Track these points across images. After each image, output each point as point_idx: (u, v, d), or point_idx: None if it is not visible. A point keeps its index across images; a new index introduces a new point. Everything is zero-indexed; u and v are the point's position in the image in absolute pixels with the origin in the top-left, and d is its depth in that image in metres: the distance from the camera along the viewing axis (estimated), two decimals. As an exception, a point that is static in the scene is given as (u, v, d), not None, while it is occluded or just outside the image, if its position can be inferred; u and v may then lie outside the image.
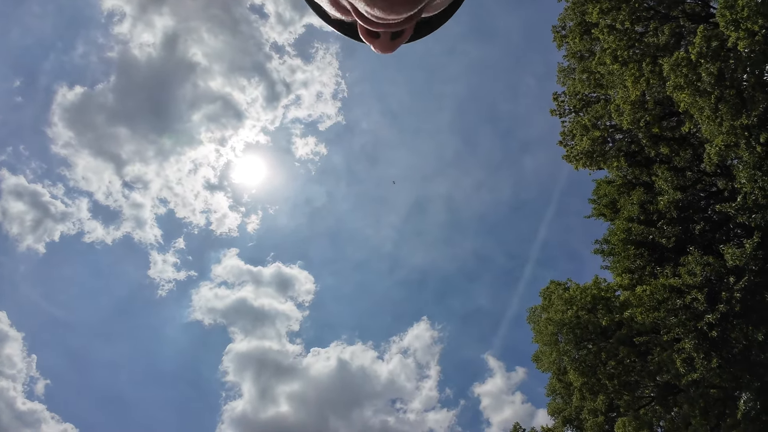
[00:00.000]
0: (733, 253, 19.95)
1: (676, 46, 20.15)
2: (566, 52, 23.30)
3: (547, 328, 25.12)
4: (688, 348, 20.59)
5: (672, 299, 21.46)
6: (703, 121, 18.89)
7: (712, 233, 22.65)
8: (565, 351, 24.42)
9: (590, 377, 23.93)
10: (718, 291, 20.27)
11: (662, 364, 22.35)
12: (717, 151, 19.61)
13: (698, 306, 20.41)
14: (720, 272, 20.50)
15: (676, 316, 21.19)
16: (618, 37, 19.73)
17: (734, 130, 18.38)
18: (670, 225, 22.48)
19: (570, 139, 24.35)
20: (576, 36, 21.45)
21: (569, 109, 24.65)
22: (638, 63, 20.02)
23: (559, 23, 22.93)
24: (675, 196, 22.01)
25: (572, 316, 23.94)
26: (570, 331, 23.98)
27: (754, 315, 20.08)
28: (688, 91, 18.19)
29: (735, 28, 15.66)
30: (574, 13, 21.21)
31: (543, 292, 26.70)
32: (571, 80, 23.86)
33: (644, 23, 20.04)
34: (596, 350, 23.73)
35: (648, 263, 23.49)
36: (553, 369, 26.21)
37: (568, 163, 24.61)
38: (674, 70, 17.94)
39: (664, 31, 19.62)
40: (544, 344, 26.04)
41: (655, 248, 23.38)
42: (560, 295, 25.00)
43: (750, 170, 19.19)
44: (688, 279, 21.11)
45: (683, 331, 20.89)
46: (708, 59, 17.34)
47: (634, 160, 24.04)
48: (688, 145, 22.71)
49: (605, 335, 23.91)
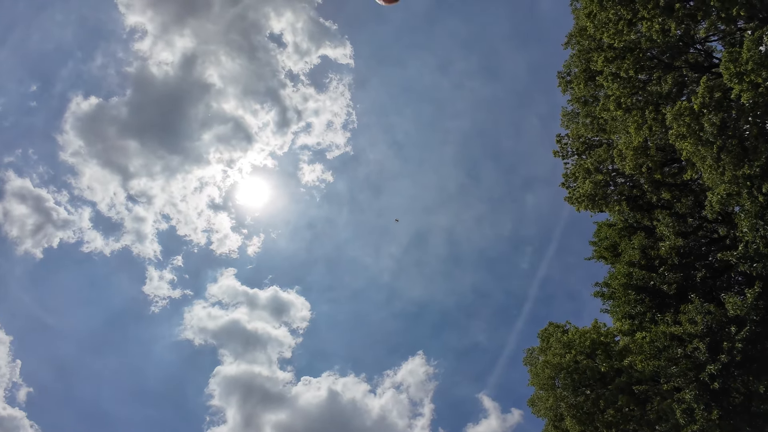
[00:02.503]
0: (735, 302, 19.80)
1: (679, 95, 20.50)
2: (570, 96, 23.71)
3: (544, 371, 24.63)
4: (688, 399, 20.17)
5: (672, 347, 21.15)
6: (705, 170, 19.03)
7: (713, 280, 22.54)
8: (563, 397, 23.87)
9: (588, 425, 23.32)
10: (720, 340, 20.01)
11: (662, 413, 21.83)
12: (719, 199, 19.67)
13: (699, 356, 20.10)
14: (721, 321, 20.29)
15: (676, 365, 20.84)
16: (622, 85, 20.09)
17: (736, 180, 18.49)
18: (671, 271, 22.38)
19: (572, 180, 24.51)
20: (581, 82, 21.86)
21: (572, 151, 24.92)
22: (641, 110, 20.32)
23: (564, 69, 23.41)
24: (676, 242, 21.99)
25: (570, 361, 23.52)
26: (568, 376, 23.51)
27: (755, 365, 19.76)
28: (691, 141, 18.38)
29: (738, 80, 15.95)
30: (580, 60, 21.67)
31: (541, 333, 26.33)
32: (575, 124, 24.20)
33: (648, 72, 20.45)
34: (594, 397, 23.20)
35: (649, 309, 23.27)
36: (549, 415, 25.56)
37: (570, 205, 24.70)
38: (677, 120, 18.17)
39: (668, 80, 19.99)
40: (540, 388, 25.48)
41: (655, 294, 23.20)
42: (558, 338, 24.64)
43: (752, 219, 19.22)
44: (689, 327, 20.86)
45: (684, 381, 20.51)
46: (711, 109, 17.59)
47: (635, 205, 24.13)
48: (689, 191, 22.84)
49: (604, 382, 23.44)
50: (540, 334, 26.36)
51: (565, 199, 24.55)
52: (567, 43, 22.47)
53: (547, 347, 25.36)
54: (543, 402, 25.68)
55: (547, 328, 26.14)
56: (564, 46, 22.62)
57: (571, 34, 21.91)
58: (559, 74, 23.71)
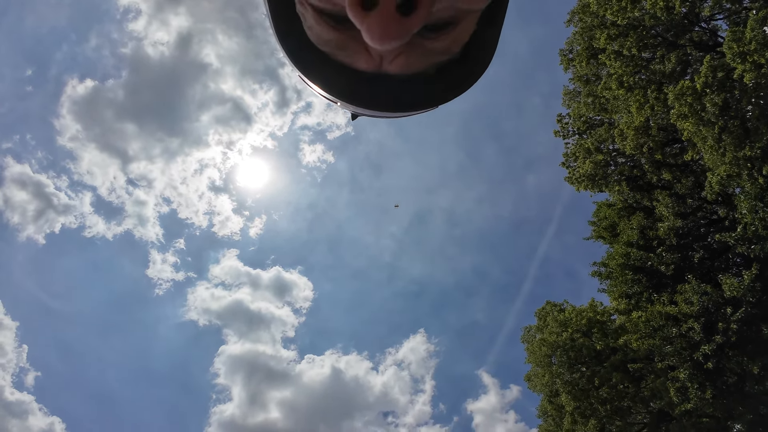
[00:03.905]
0: (731, 283, 19.87)
1: (683, 74, 20.19)
2: (572, 75, 23.36)
3: (540, 349, 24.95)
4: (682, 377, 20.44)
5: (668, 327, 21.33)
6: (706, 151, 18.88)
7: (711, 262, 22.57)
8: (558, 373, 24.24)
9: (582, 401, 23.74)
10: (715, 321, 20.16)
11: (656, 391, 22.19)
12: (718, 180, 19.58)
13: (694, 336, 20.29)
14: (717, 302, 20.40)
15: (671, 344, 21.05)
16: (624, 63, 19.76)
17: (737, 161, 18.36)
18: (669, 252, 22.40)
19: (573, 160, 24.35)
20: (583, 60, 21.50)
21: (573, 131, 24.68)
22: (643, 89, 20.05)
23: (566, 47, 23.00)
24: (675, 223, 21.96)
25: (567, 339, 23.80)
26: (564, 353, 23.83)
27: (750, 346, 19.94)
28: (692, 120, 18.19)
29: (742, 60, 15.68)
30: (582, 38, 21.27)
31: (538, 312, 26.57)
32: (576, 103, 23.89)
33: (651, 50, 20.09)
34: (590, 374, 23.55)
35: (645, 289, 23.38)
36: (545, 390, 26.00)
37: (570, 185, 24.60)
38: (679, 99, 17.94)
39: (671, 58, 19.66)
40: (537, 365, 25.85)
41: (653, 274, 23.28)
42: (555, 316, 24.87)
43: (751, 201, 19.16)
44: (684, 307, 21.00)
45: (678, 360, 20.75)
46: (713, 89, 17.36)
47: (635, 185, 24.01)
48: (690, 172, 22.69)
49: (599, 359, 23.75)
50: (537, 312, 26.60)
51: (566, 179, 24.45)
52: (569, 21, 22.03)
53: (544, 326, 25.62)
54: (539, 378, 26.10)
55: (544, 307, 26.35)
56: (566, 23, 22.20)
57: (574, 11, 21.47)
58: (561, 51, 23.32)
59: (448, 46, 0.70)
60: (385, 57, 0.68)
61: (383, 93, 0.73)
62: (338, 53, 0.70)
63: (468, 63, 0.76)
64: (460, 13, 0.65)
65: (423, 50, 0.68)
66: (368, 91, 0.73)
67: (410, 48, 0.67)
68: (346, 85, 0.73)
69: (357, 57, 0.69)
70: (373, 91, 0.73)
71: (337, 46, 0.69)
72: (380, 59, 0.68)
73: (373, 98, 0.74)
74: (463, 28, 0.68)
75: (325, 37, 0.68)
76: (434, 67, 0.73)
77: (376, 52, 0.67)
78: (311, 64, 0.73)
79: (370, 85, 0.72)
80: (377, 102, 0.75)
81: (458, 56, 0.74)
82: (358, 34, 0.62)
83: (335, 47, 0.69)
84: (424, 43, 0.67)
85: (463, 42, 0.72)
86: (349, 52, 0.69)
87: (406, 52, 0.67)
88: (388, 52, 0.66)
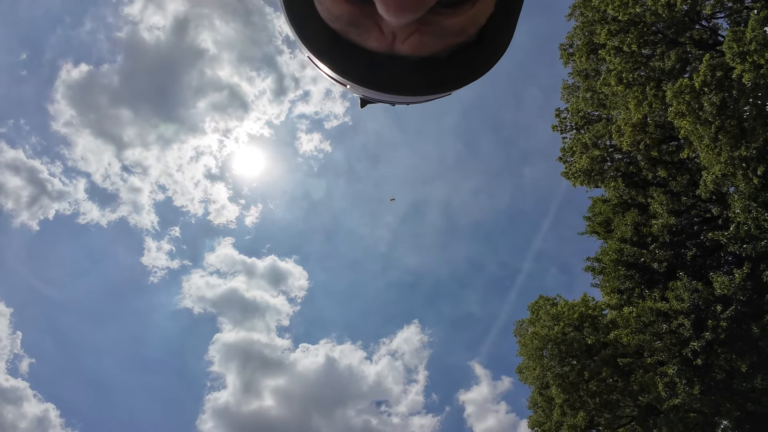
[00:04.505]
0: (722, 281, 20.06)
1: (682, 72, 20.18)
2: (572, 69, 23.31)
3: (532, 342, 25.19)
4: (671, 373, 20.71)
5: (658, 323, 21.55)
6: (702, 149, 18.95)
7: (703, 259, 22.76)
8: (549, 366, 24.51)
9: (572, 394, 24.05)
10: (705, 318, 20.38)
11: (644, 385, 22.48)
12: (713, 179, 19.70)
13: (684, 332, 20.51)
14: (708, 300, 20.61)
15: (661, 340, 21.29)
16: (624, 59, 19.73)
17: (732, 161, 18.46)
18: (662, 249, 22.57)
19: (570, 155, 24.39)
20: (583, 55, 21.45)
21: (571, 125, 24.69)
22: (642, 86, 20.05)
23: (566, 41, 22.92)
24: (669, 221, 22.09)
25: (558, 333, 24.03)
26: (555, 346, 24.07)
27: (739, 344, 20.19)
28: (690, 119, 18.23)
29: (741, 60, 15.69)
30: (583, 32, 21.20)
31: (531, 306, 26.78)
32: (575, 98, 23.88)
33: (651, 47, 20.05)
34: (580, 368, 23.82)
35: (637, 285, 23.58)
36: (536, 383, 26.30)
37: (567, 180, 24.66)
38: (677, 97, 17.96)
39: (671, 56, 19.64)
40: (528, 358, 26.11)
41: (645, 271, 23.46)
42: (548, 310, 25.08)
43: (745, 201, 19.29)
44: (675, 304, 21.21)
45: (667, 356, 21.00)
46: (712, 88, 17.38)
47: (631, 181, 24.10)
48: (685, 170, 22.79)
49: (590, 353, 24.01)
50: (530, 306, 26.81)
51: (562, 173, 24.51)
52: (571, 14, 21.92)
53: (536, 319, 25.85)
54: (530, 371, 26.39)
55: (537, 301, 26.56)
56: (567, 17, 22.09)
57: (576, 5, 21.37)
58: (561, 46, 23.25)
59: (464, 26, 0.67)
60: (398, 35, 0.66)
61: (395, 75, 0.71)
62: (349, 30, 0.68)
63: (484, 47, 0.73)
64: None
65: (438, 29, 0.66)
66: (380, 73, 0.71)
67: (424, 26, 0.65)
68: (357, 66, 0.71)
69: (368, 35, 0.67)
70: (385, 73, 0.71)
71: (348, 21, 0.66)
72: (393, 38, 0.66)
73: (384, 80, 0.72)
74: (479, 9, 0.66)
75: (336, 11, 0.66)
76: (448, 50, 0.71)
77: (389, 30, 0.65)
78: (321, 43, 0.70)
79: (381, 67, 0.70)
80: (389, 84, 0.72)
81: (474, 39, 0.72)
82: (371, 10, 0.61)
83: (346, 23, 0.67)
84: (439, 21, 0.64)
85: (480, 24, 0.70)
86: (360, 30, 0.67)
87: (420, 30, 0.65)
88: (402, 28, 0.64)
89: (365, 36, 0.67)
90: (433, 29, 0.65)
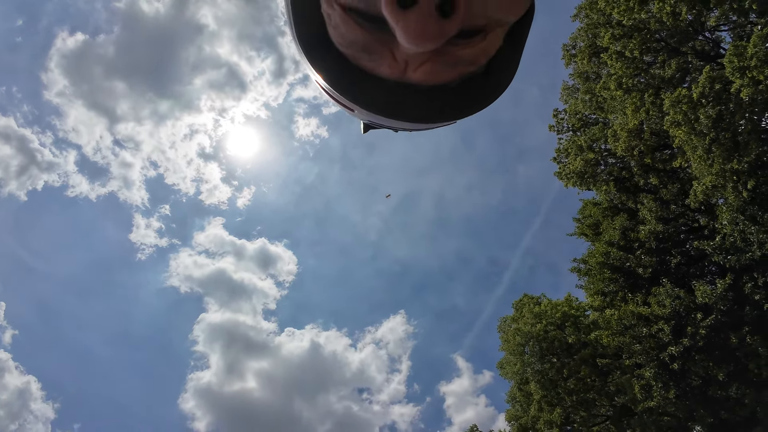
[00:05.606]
0: (704, 290, 20.44)
1: (681, 82, 20.33)
2: (573, 71, 23.36)
3: (514, 338, 25.56)
4: (648, 376, 21.16)
5: (639, 327, 21.96)
6: (695, 160, 19.16)
7: (687, 267, 23.14)
8: (529, 363, 24.93)
9: (550, 390, 24.51)
10: (685, 325, 20.79)
11: (621, 386, 22.97)
12: (704, 189, 19.95)
13: (663, 337, 20.92)
14: (689, 307, 21.01)
15: (640, 343, 21.70)
16: (625, 65, 19.81)
17: (724, 173, 18.70)
18: (647, 254, 22.91)
19: (564, 156, 24.54)
20: (585, 57, 21.49)
21: (567, 127, 24.81)
22: (641, 93, 20.17)
23: (570, 42, 22.93)
24: (657, 228, 22.40)
25: (540, 330, 24.39)
26: (536, 344, 24.45)
27: (717, 353, 20.65)
28: (685, 129, 18.41)
29: (741, 75, 15.83)
30: (586, 34, 21.21)
31: (515, 304, 27.11)
32: (574, 99, 23.97)
33: (653, 54, 20.14)
34: (559, 365, 24.26)
35: (621, 288, 23.95)
36: (516, 378, 26.73)
37: (560, 180, 24.84)
38: (674, 107, 18.11)
39: (671, 65, 19.75)
40: (510, 353, 26.51)
41: (630, 275, 23.82)
42: (531, 308, 25.42)
43: (733, 213, 19.59)
44: (657, 309, 21.60)
45: (645, 359, 21.43)
46: (709, 101, 17.54)
47: (622, 186, 24.35)
48: (676, 179, 23.06)
49: (570, 352, 24.43)
50: (514, 304, 27.13)
51: (555, 174, 24.67)
52: (576, 15, 21.91)
53: (520, 316, 26.18)
54: (511, 366, 26.81)
55: (521, 299, 26.90)
56: (573, 18, 22.06)
57: (581, 7, 21.34)
58: (564, 46, 23.25)
59: (476, 56, 0.69)
60: (410, 63, 0.66)
61: (405, 102, 0.71)
62: (362, 56, 0.68)
63: (492, 77, 0.76)
64: (491, 23, 0.66)
65: (450, 58, 0.67)
66: (390, 100, 0.70)
67: (437, 55, 0.65)
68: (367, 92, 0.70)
69: (381, 62, 0.67)
70: (395, 100, 0.70)
71: (362, 48, 0.66)
72: (405, 65, 0.67)
73: (394, 107, 0.71)
74: (491, 41, 0.68)
75: (351, 37, 0.65)
76: (459, 79, 0.72)
77: (402, 57, 0.65)
78: (331, 69, 0.70)
79: (391, 94, 0.70)
80: (398, 111, 0.72)
81: (483, 70, 0.74)
82: (385, 37, 0.62)
83: (360, 49, 0.67)
84: (453, 50, 0.65)
85: (490, 55, 0.71)
86: (373, 56, 0.67)
87: (433, 59, 0.66)
88: (416, 57, 0.65)
89: (378, 63, 0.68)
90: (446, 58, 0.66)
